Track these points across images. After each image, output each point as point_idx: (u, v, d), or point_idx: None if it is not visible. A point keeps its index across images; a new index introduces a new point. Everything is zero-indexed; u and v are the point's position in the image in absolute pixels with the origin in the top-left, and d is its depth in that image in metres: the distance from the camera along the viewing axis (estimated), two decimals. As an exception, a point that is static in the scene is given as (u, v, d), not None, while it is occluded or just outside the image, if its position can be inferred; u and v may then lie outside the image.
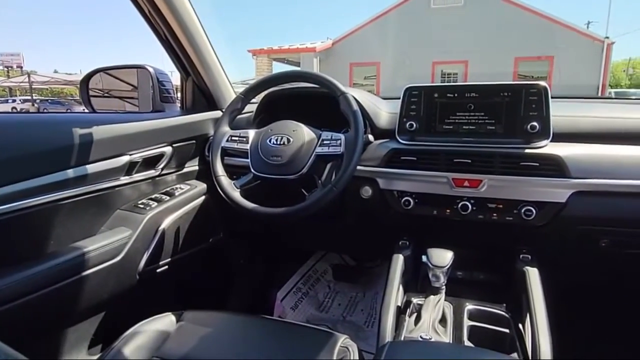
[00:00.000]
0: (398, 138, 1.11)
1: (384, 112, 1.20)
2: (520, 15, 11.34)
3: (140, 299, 1.11)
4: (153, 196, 1.19)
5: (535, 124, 0.98)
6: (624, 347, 1.29)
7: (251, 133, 1.08)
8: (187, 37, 1.22)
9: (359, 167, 0.97)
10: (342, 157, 0.96)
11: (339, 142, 0.98)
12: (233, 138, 1.09)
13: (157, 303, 0.99)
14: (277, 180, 1.01)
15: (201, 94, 1.41)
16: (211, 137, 1.34)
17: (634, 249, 1.00)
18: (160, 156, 1.20)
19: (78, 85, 1.55)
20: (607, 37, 11.19)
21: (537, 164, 0.97)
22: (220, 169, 1.06)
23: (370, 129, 1.15)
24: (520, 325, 0.89)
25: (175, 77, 1.43)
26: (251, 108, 1.30)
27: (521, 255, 1.02)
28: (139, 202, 1.15)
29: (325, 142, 1.00)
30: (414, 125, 1.09)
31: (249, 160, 1.05)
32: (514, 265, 1.01)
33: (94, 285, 0.95)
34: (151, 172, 1.19)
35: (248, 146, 1.06)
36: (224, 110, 1.20)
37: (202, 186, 1.32)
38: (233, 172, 1.09)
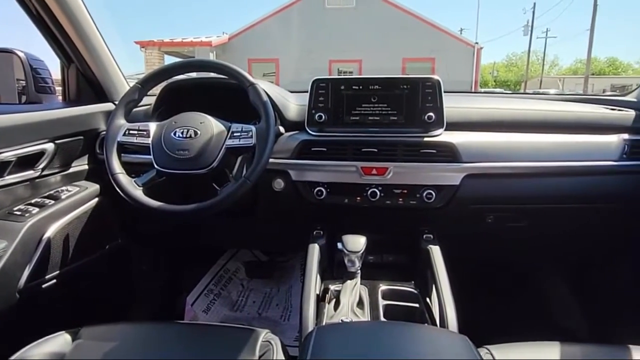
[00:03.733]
0: (308, 130, 1.12)
1: (293, 104, 1.20)
2: (406, 20, 12.37)
3: (24, 320, 0.96)
4: (33, 201, 1.03)
5: (431, 114, 1.06)
6: (516, 308, 1.49)
7: (152, 126, 0.99)
8: (66, 15, 1.07)
9: (270, 160, 0.95)
10: (254, 149, 0.94)
11: (250, 133, 0.95)
12: (131, 132, 0.98)
13: (47, 323, 0.86)
14: (185, 175, 0.94)
15: (88, 84, 1.26)
16: (103, 132, 1.21)
17: (512, 222, 1.15)
18: (39, 154, 1.04)
19: None
20: (477, 43, 12.82)
21: (435, 151, 1.06)
22: (117, 166, 0.95)
23: (280, 121, 1.14)
24: (428, 299, 0.97)
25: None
26: (148, 100, 1.19)
27: (424, 236, 1.10)
28: (15, 208, 0.98)
29: (235, 134, 0.96)
30: (323, 117, 1.10)
31: (151, 155, 0.96)
32: (418, 245, 1.09)
33: None
34: (29, 174, 1.02)
35: (149, 140, 0.97)
36: (117, 102, 1.08)
37: (93, 187, 1.18)
38: (132, 169, 0.99)
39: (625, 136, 1.10)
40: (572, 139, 1.11)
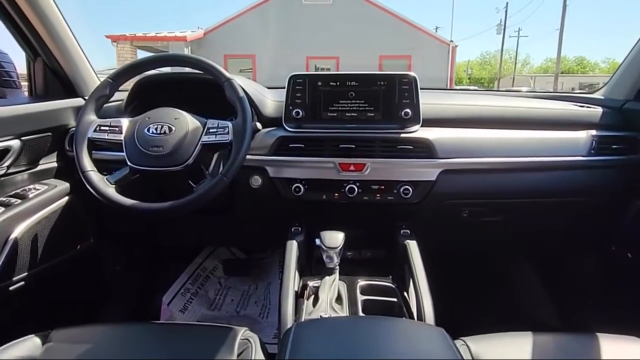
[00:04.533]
0: (285, 126, 1.11)
1: (270, 100, 1.19)
2: (383, 17, 12.46)
3: None
4: None
5: (408, 110, 1.07)
6: (491, 300, 1.53)
7: (124, 122, 0.96)
8: (31, 6, 1.03)
9: (247, 156, 0.94)
10: (231, 145, 0.93)
11: (226, 130, 0.94)
12: (102, 128, 0.95)
13: (15, 327, 0.83)
14: (159, 172, 0.92)
15: (56, 79, 1.21)
16: (72, 128, 1.17)
17: (487, 217, 1.18)
18: (4, 151, 1.00)
19: None
20: (452, 41, 13.04)
21: (411, 147, 1.07)
22: (88, 164, 0.92)
23: (257, 117, 1.13)
24: (406, 293, 0.98)
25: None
26: (120, 96, 1.16)
27: (402, 231, 1.11)
28: None
29: (211, 130, 0.95)
30: (300, 113, 1.10)
31: (123, 152, 0.93)
32: (396, 240, 1.10)
33: None
34: None
35: (122, 137, 0.94)
36: (87, 97, 1.04)
37: (63, 185, 1.14)
38: (104, 167, 0.96)
39: (593, 132, 1.14)
40: (543, 135, 1.14)
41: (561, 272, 1.52)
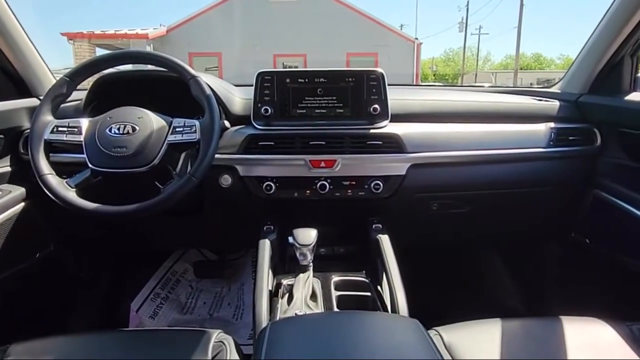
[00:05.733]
0: (254, 124, 1.10)
1: (237, 98, 1.17)
2: (349, 15, 12.55)
3: None
4: None
5: (376, 106, 1.08)
6: (461, 290, 1.57)
7: (84, 122, 0.92)
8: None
9: (216, 155, 0.92)
10: (198, 144, 0.90)
11: (193, 128, 0.92)
12: (60, 129, 0.91)
13: None
14: (123, 174, 0.88)
15: (7, 78, 1.14)
16: (27, 130, 1.10)
17: (455, 209, 1.21)
18: None
19: None
20: (417, 38, 13.32)
21: (381, 142, 1.08)
22: (45, 167, 0.88)
23: (224, 115, 1.11)
24: (379, 287, 0.99)
25: None
26: (78, 95, 1.10)
27: (374, 225, 1.12)
28: None
29: (177, 129, 0.92)
30: (269, 111, 1.08)
31: (84, 154, 0.89)
32: (368, 235, 1.11)
33: None
34: None
35: (81, 138, 0.90)
36: (42, 97, 0.99)
37: (18, 191, 1.08)
38: (63, 170, 0.92)
39: (552, 125, 1.19)
40: (505, 128, 1.18)
41: (526, 260, 1.59)
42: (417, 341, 0.60)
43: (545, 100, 1.31)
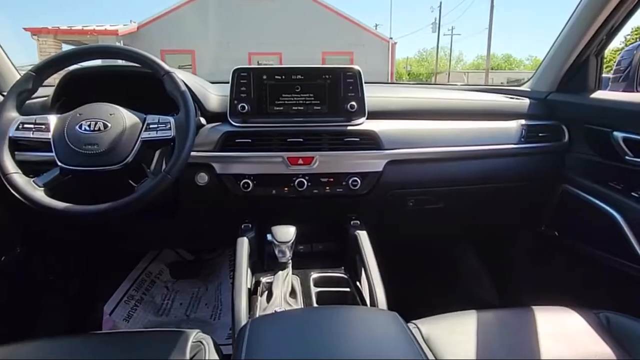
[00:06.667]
0: (230, 121, 1.08)
1: (213, 94, 1.15)
2: (325, 14, 12.55)
3: None
4: None
5: (353, 103, 1.09)
6: (438, 283, 1.60)
7: (52, 119, 0.88)
8: None
9: (192, 153, 0.91)
10: (173, 141, 0.88)
11: (168, 125, 0.89)
12: (26, 126, 0.87)
13: None
14: (95, 172, 0.85)
15: (-33, 73, 1.08)
16: (-10, 128, 1.05)
17: (430, 205, 1.23)
18: None
19: None
20: (391, 38, 13.49)
21: (358, 139, 1.09)
22: (10, 166, 0.84)
23: (200, 112, 1.09)
24: (358, 283, 1.00)
25: None
26: (45, 92, 1.06)
27: (352, 222, 1.13)
28: None
29: (151, 126, 0.90)
30: (246, 107, 1.07)
31: (52, 152, 0.85)
32: (347, 231, 1.12)
33: None
34: None
35: (49, 135, 0.86)
36: (5, 92, 0.94)
37: None
38: (30, 169, 0.88)
39: (523, 122, 1.23)
40: (478, 125, 1.21)
41: (499, 253, 1.63)
42: (397, 334, 0.61)
43: (516, 98, 1.35)
